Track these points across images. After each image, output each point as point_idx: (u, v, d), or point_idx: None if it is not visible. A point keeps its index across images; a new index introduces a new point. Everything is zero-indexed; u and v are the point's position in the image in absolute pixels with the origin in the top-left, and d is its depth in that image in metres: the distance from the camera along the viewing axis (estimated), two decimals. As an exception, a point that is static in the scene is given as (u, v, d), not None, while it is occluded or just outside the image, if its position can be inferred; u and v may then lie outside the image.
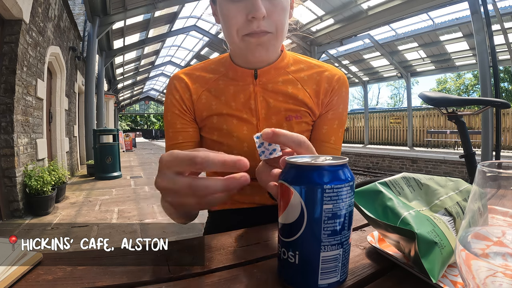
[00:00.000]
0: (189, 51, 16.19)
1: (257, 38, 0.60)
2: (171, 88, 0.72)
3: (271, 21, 0.59)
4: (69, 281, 0.34)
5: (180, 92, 0.71)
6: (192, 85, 0.71)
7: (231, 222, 0.77)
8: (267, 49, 0.62)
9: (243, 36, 0.60)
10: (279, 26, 0.61)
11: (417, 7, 6.85)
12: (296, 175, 0.31)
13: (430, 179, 0.43)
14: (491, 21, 5.15)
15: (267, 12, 0.57)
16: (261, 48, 0.61)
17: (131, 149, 13.49)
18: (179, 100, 0.71)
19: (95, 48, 6.85)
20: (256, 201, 0.75)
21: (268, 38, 0.61)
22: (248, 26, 0.59)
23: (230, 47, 0.69)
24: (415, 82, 25.00)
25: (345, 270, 0.33)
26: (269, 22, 0.59)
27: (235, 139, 0.69)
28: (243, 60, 0.69)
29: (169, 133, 0.71)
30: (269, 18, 0.59)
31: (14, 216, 3.31)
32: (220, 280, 0.35)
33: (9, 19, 3.24)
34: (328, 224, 0.30)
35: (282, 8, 0.60)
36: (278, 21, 0.60)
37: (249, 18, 0.57)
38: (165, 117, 0.73)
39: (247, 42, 0.61)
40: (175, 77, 0.73)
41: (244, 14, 0.58)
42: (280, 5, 0.59)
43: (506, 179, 0.22)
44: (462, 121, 1.51)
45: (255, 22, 0.58)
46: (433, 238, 0.33)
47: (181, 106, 0.71)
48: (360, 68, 13.06)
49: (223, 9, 0.61)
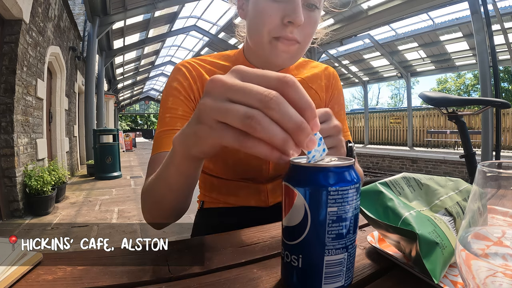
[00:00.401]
0: (189, 51, 16.19)
1: (287, 46, 0.58)
2: (178, 73, 0.67)
3: (303, 31, 0.58)
4: (69, 281, 0.34)
5: (190, 80, 0.66)
6: (203, 76, 0.67)
7: (219, 221, 0.76)
8: (291, 58, 0.62)
9: (272, 39, 0.58)
10: (307, 39, 0.60)
11: (417, 7, 6.85)
12: (300, 177, 0.30)
13: (430, 179, 0.43)
14: (491, 21, 5.15)
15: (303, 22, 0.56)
16: (286, 55, 0.60)
17: (131, 149, 13.50)
18: (187, 87, 0.66)
19: (95, 48, 6.85)
20: (252, 204, 0.74)
21: (296, 48, 0.60)
22: (281, 29, 0.57)
23: (252, 45, 0.65)
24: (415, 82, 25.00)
25: (350, 275, 0.32)
26: (301, 32, 0.58)
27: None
28: (262, 61, 0.66)
29: (165, 118, 0.63)
30: (302, 28, 0.58)
31: (14, 216, 3.31)
32: (220, 280, 0.35)
33: (9, 19, 3.24)
34: (332, 227, 0.29)
35: (315, 22, 0.60)
36: (309, 33, 0.60)
37: (285, 21, 0.56)
38: (163, 102, 0.66)
39: (274, 46, 0.59)
40: (184, 64, 0.68)
41: (280, 16, 0.56)
42: (315, 18, 0.59)
43: (506, 179, 0.22)
44: (462, 121, 1.51)
45: (289, 27, 0.56)
46: (434, 239, 0.33)
47: (187, 94, 0.65)
48: (360, 68, 13.06)
49: (260, 4, 0.58)
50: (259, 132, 0.26)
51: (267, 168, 0.71)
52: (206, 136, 0.30)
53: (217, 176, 0.75)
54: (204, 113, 0.29)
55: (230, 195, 0.75)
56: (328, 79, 0.76)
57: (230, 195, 0.75)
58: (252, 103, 0.26)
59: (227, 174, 0.73)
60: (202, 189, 0.82)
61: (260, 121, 0.25)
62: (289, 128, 0.26)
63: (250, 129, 0.26)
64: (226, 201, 0.76)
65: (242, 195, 0.74)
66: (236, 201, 0.75)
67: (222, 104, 0.27)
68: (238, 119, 0.26)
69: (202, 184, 0.82)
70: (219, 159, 0.70)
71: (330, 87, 0.76)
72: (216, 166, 0.73)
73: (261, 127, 0.25)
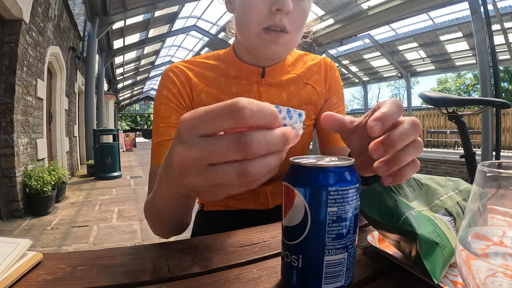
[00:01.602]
0: (189, 51, 16.19)
1: (275, 37, 0.57)
2: (167, 80, 0.66)
3: (292, 20, 0.57)
4: (69, 281, 0.34)
5: (178, 86, 0.65)
6: (191, 80, 0.66)
7: (219, 224, 0.74)
8: (281, 48, 0.60)
9: (261, 31, 0.57)
10: (296, 28, 0.59)
11: (417, 7, 6.85)
12: (300, 177, 0.30)
13: (430, 179, 0.43)
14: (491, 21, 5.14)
15: (292, 10, 0.55)
16: (275, 46, 0.58)
17: (131, 149, 13.50)
18: (177, 94, 0.65)
19: (95, 48, 6.85)
20: (251, 207, 0.74)
21: (285, 39, 0.58)
22: (269, 19, 0.56)
23: (241, 40, 0.63)
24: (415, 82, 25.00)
25: (350, 275, 0.32)
26: (290, 21, 0.57)
27: None
28: (252, 56, 0.65)
29: (160, 128, 0.63)
30: (291, 16, 0.57)
31: (14, 216, 3.31)
32: (220, 280, 0.35)
33: (9, 19, 3.24)
34: (332, 227, 0.29)
35: (304, 11, 0.59)
36: (299, 22, 0.58)
37: (273, 10, 0.54)
38: (156, 111, 0.65)
39: (262, 38, 0.57)
40: (172, 69, 0.67)
41: (268, 5, 0.55)
42: (304, 7, 0.58)
43: (506, 179, 0.22)
44: (462, 121, 1.51)
45: (278, 15, 0.55)
46: (434, 239, 0.33)
47: (178, 101, 0.65)
48: (360, 68, 13.06)
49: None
50: (259, 179, 0.25)
51: None
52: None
53: None
54: (188, 166, 0.26)
55: (229, 198, 0.74)
56: (326, 71, 0.75)
57: (229, 198, 0.74)
58: (233, 158, 0.24)
59: None
60: None
61: (254, 172, 0.24)
62: (277, 149, 0.25)
63: (250, 184, 0.25)
64: (225, 204, 0.75)
65: (241, 198, 0.73)
66: (236, 204, 0.74)
67: (209, 175, 0.25)
68: (236, 181, 0.24)
69: None
70: None
71: (328, 78, 0.75)
72: None
73: (258, 174, 0.24)
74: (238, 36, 0.64)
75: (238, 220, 0.72)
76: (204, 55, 0.72)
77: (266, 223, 0.55)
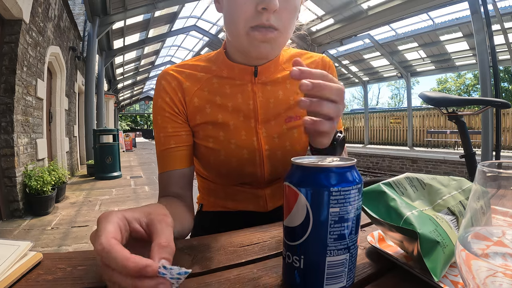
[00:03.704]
0: (189, 51, 16.19)
1: (264, 35, 0.55)
2: (160, 89, 0.66)
3: (280, 17, 0.56)
4: (69, 281, 0.34)
5: (170, 94, 0.65)
6: (183, 84, 0.66)
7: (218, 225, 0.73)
8: (272, 47, 0.58)
9: (249, 30, 0.56)
10: (286, 25, 0.57)
11: (417, 7, 6.85)
12: (302, 177, 0.30)
13: (433, 179, 0.43)
14: (491, 21, 5.14)
15: (279, 8, 0.54)
16: (265, 44, 0.57)
17: (131, 149, 13.50)
18: (170, 102, 0.65)
19: (95, 48, 6.85)
20: (250, 209, 0.73)
21: (275, 36, 0.56)
22: (256, 18, 0.54)
23: (231, 40, 0.62)
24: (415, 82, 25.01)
25: (352, 275, 0.32)
26: (278, 18, 0.56)
27: (233, 146, 0.65)
28: (243, 55, 0.64)
29: (160, 138, 0.65)
30: (279, 14, 0.55)
31: (14, 216, 3.31)
32: (220, 280, 0.35)
33: (9, 19, 3.24)
34: (334, 228, 0.29)
35: (293, 7, 0.57)
36: (287, 19, 0.57)
37: (259, 9, 0.53)
38: (154, 120, 0.67)
39: (252, 37, 0.56)
40: (163, 77, 0.67)
41: (254, 4, 0.54)
42: (292, 4, 0.57)
43: (506, 179, 0.22)
44: (462, 121, 1.51)
45: (265, 14, 0.54)
46: (435, 238, 0.33)
47: (171, 109, 0.65)
48: (360, 68, 13.06)
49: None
50: None
51: (262, 173, 0.68)
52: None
53: (213, 181, 0.74)
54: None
55: (228, 199, 0.74)
56: (324, 69, 0.70)
57: (228, 199, 0.74)
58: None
59: (222, 180, 0.71)
60: (201, 192, 0.81)
61: None
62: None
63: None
64: (224, 205, 0.75)
65: (240, 200, 0.73)
66: (235, 205, 0.74)
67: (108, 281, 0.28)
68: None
69: (200, 187, 0.81)
70: (212, 169, 0.69)
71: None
72: (210, 174, 0.72)
73: None
74: (228, 36, 0.63)
75: (236, 222, 0.71)
76: (195, 58, 0.71)
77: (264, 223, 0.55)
